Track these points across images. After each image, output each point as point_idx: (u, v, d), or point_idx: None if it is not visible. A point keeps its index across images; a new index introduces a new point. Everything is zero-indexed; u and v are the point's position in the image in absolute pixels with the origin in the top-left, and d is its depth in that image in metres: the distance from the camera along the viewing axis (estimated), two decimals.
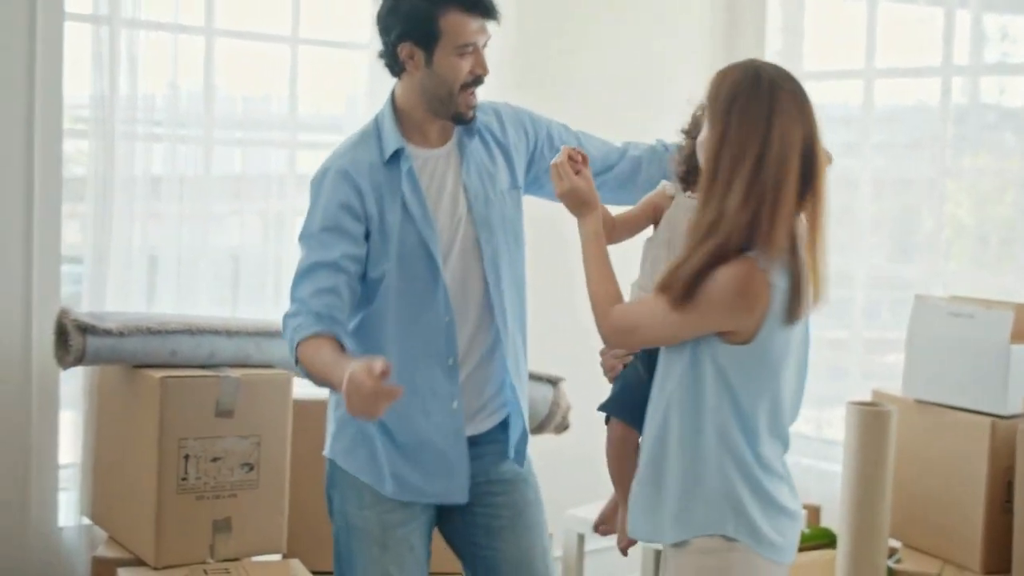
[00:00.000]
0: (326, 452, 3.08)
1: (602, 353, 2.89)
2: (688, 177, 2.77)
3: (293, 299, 2.91)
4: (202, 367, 3.63)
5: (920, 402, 4.14)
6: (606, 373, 2.90)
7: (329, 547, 3.77)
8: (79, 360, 3.55)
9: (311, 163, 4.72)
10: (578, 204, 2.74)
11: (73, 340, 3.52)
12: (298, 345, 2.83)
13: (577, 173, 2.74)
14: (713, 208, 2.49)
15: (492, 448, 3.08)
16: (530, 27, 4.89)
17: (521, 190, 3.14)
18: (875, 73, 5.11)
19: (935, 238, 4.94)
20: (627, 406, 2.79)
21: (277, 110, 4.60)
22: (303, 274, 2.91)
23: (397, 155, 2.97)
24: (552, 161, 2.77)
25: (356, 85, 4.77)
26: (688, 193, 2.76)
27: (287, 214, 4.57)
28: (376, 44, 4.63)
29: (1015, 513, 3.87)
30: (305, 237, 2.96)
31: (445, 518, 3.10)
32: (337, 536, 3.07)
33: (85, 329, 3.53)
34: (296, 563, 3.61)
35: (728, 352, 2.54)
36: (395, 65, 3.00)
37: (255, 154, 4.57)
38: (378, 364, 2.50)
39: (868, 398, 4.25)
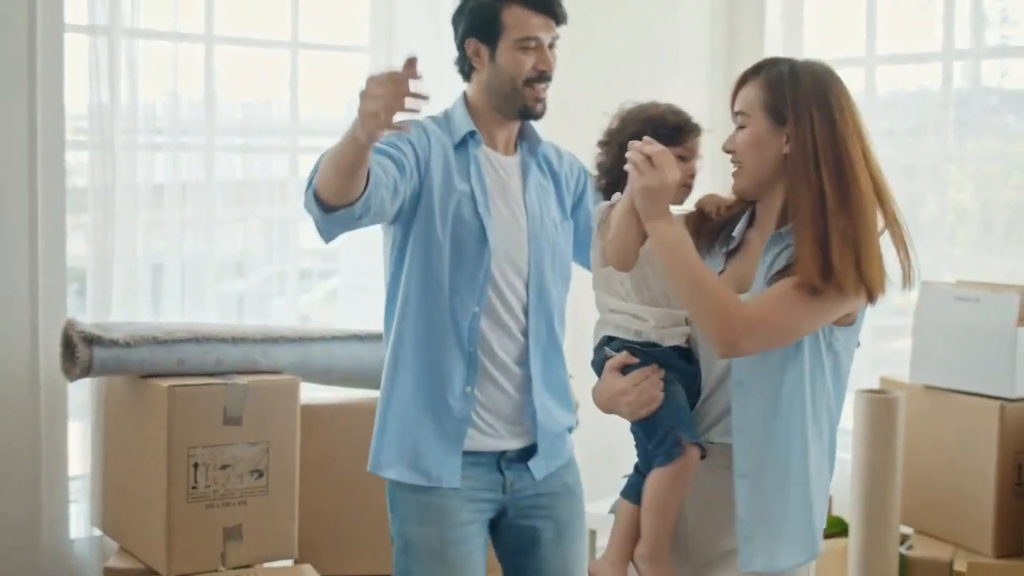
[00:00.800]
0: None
1: (623, 393, 2.57)
2: (613, 188, 2.65)
3: None
4: (209, 375, 3.63)
5: (928, 387, 4.14)
6: (638, 410, 2.57)
7: (339, 551, 3.80)
8: (86, 372, 3.56)
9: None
10: (666, 203, 2.51)
11: (80, 352, 3.53)
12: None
13: None
14: (845, 195, 2.45)
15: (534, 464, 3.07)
16: None
17: (570, 224, 3.15)
18: (876, 60, 5.10)
19: (940, 223, 4.94)
20: (696, 428, 2.59)
21: (278, 115, 4.61)
22: None
23: (466, 141, 2.99)
24: (653, 147, 2.50)
25: (357, 88, 4.75)
26: None
27: (290, 219, 4.58)
28: (378, 47, 4.70)
29: None
30: None
31: (493, 530, 3.10)
32: (396, 559, 3.06)
33: (91, 340, 3.54)
34: (308, 568, 3.61)
35: (840, 335, 2.54)
36: (464, 64, 3.05)
37: (257, 160, 4.58)
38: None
39: (877, 385, 4.24)
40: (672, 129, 2.60)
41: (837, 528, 4.33)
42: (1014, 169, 4.86)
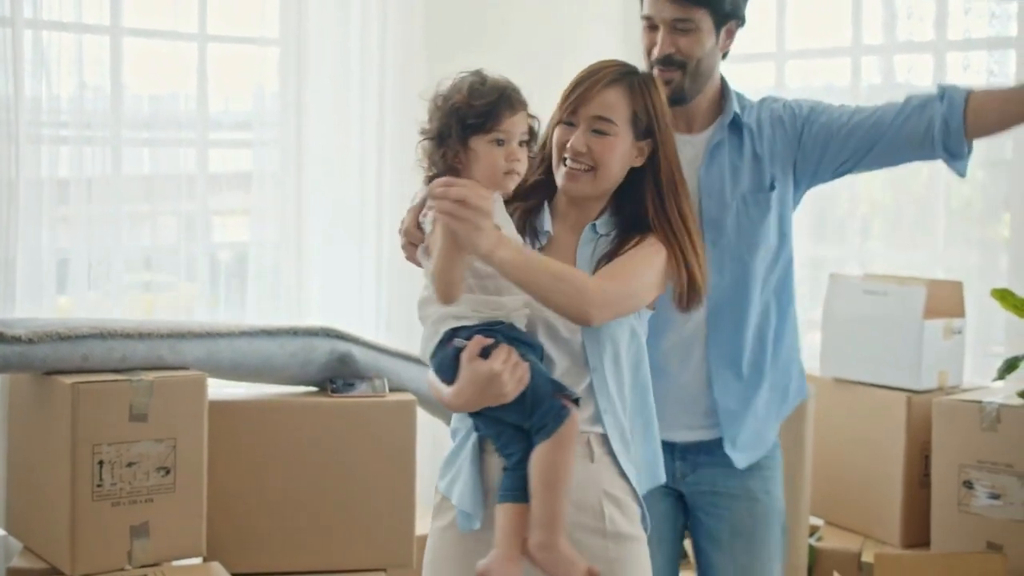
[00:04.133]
0: None
1: (497, 374, 2.41)
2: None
3: None
4: (114, 371, 3.58)
5: (837, 380, 4.18)
6: (517, 387, 2.43)
7: (248, 548, 3.76)
8: None
9: (222, 161, 4.70)
10: (491, 232, 2.37)
11: None
12: None
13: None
14: (686, 209, 2.62)
15: (715, 459, 2.95)
16: (444, 9, 4.89)
17: (771, 193, 2.93)
18: (786, 55, 5.14)
19: (851, 217, 4.98)
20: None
21: (185, 108, 4.56)
22: None
23: None
24: (430, 208, 2.40)
25: (266, 81, 4.73)
26: None
27: (199, 213, 4.53)
28: (288, 40, 4.67)
29: (932, 487, 3.91)
30: None
31: (689, 516, 3.03)
32: None
33: None
34: (216, 566, 3.58)
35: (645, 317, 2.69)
36: None
37: (164, 153, 4.52)
38: None
39: None
40: (480, 116, 2.44)
41: None
42: (925, 163, 4.89)
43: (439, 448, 4.48)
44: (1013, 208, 4.58)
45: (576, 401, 2.47)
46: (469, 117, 2.44)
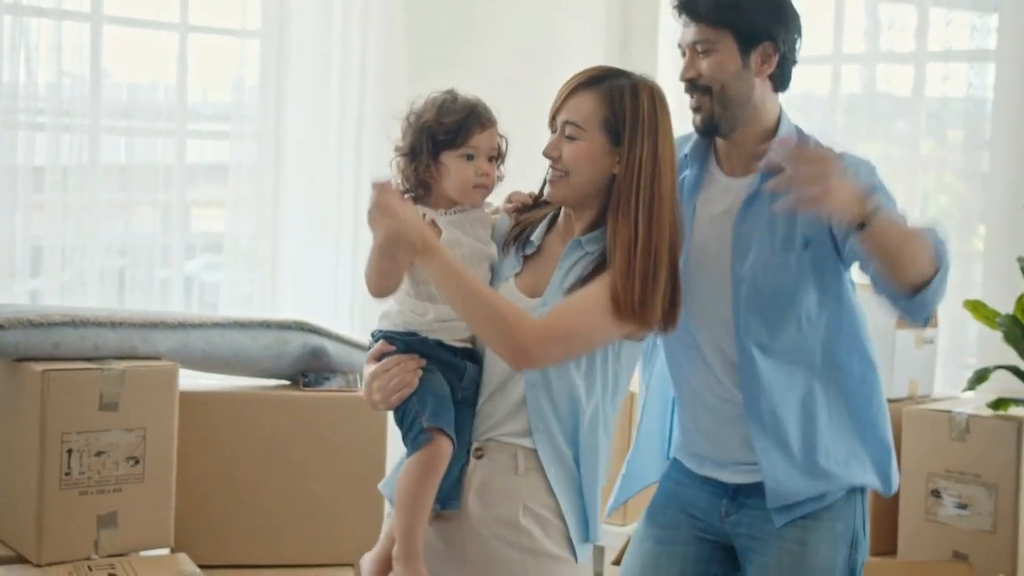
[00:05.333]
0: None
1: (374, 377, 2.54)
2: (418, 199, 2.59)
3: None
4: (86, 360, 3.57)
5: None
6: (388, 396, 2.51)
7: (216, 540, 3.75)
8: None
9: (200, 152, 4.69)
10: (417, 237, 2.43)
11: None
12: None
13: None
14: (651, 230, 2.48)
15: (757, 502, 2.84)
16: (426, 4, 4.89)
17: (804, 252, 2.71)
18: None
19: None
20: (449, 418, 2.51)
21: (164, 98, 4.55)
22: None
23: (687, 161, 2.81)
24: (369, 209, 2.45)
25: (247, 73, 4.72)
26: (442, 211, 2.57)
27: (176, 204, 4.51)
28: (269, 32, 4.66)
29: (900, 495, 3.92)
30: None
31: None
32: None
33: None
34: (183, 557, 3.57)
35: (627, 348, 2.60)
36: None
37: (142, 143, 4.51)
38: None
39: None
40: (450, 132, 2.53)
41: None
42: (902, 174, 4.91)
43: None
44: (989, 221, 4.59)
45: (443, 432, 2.47)
46: (440, 133, 2.54)
